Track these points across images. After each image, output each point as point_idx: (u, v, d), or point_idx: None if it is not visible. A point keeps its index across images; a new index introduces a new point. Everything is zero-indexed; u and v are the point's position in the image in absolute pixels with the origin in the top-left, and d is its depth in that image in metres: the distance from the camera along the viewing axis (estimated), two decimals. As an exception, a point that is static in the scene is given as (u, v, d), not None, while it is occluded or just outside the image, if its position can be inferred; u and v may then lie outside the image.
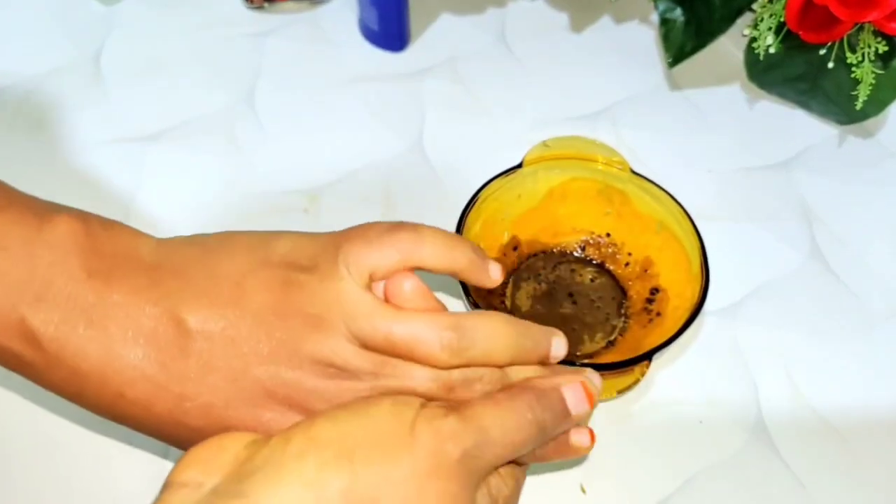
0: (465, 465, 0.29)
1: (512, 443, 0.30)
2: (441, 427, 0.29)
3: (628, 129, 0.54)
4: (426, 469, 0.28)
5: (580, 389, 0.33)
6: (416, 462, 0.28)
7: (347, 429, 0.28)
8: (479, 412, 0.30)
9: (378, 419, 0.29)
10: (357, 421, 0.28)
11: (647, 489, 0.41)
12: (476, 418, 0.30)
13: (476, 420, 0.30)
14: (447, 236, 0.34)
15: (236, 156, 0.52)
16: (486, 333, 0.33)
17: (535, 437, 0.31)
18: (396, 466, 0.27)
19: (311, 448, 0.27)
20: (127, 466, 0.41)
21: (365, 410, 0.29)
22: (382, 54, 0.58)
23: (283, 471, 0.27)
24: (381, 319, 0.31)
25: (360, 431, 0.28)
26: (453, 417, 0.29)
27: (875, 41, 0.44)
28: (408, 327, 0.32)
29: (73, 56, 0.57)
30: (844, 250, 0.49)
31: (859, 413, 0.43)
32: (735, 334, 0.46)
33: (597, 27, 0.60)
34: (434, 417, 0.29)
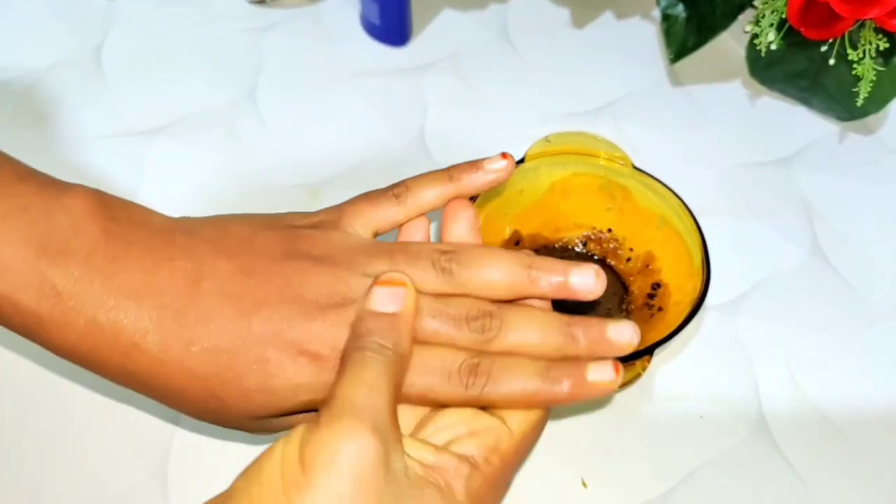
0: (364, 456, 0.27)
1: (373, 386, 0.29)
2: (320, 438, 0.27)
3: (630, 124, 0.54)
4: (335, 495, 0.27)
5: (379, 290, 0.32)
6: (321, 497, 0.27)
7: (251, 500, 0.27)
8: (333, 393, 0.29)
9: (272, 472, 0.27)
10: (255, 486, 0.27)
11: (648, 483, 0.41)
12: (335, 399, 0.28)
13: (336, 400, 0.28)
14: (434, 174, 0.37)
15: (238, 151, 0.52)
16: (482, 260, 0.33)
17: (387, 358, 0.30)
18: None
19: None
20: (128, 457, 0.41)
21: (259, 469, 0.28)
22: (384, 49, 0.58)
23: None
24: (388, 249, 0.33)
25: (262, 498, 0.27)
26: (324, 418, 0.28)
27: (876, 38, 0.45)
28: (409, 249, 0.33)
29: (74, 50, 0.57)
30: (845, 246, 0.49)
31: (859, 408, 0.44)
32: (736, 330, 0.46)
33: (599, 23, 0.60)
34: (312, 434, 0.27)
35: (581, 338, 0.33)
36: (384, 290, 0.31)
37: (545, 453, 0.41)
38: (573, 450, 0.42)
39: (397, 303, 0.31)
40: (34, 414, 0.42)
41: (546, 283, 0.33)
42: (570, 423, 0.42)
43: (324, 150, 0.53)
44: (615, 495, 0.40)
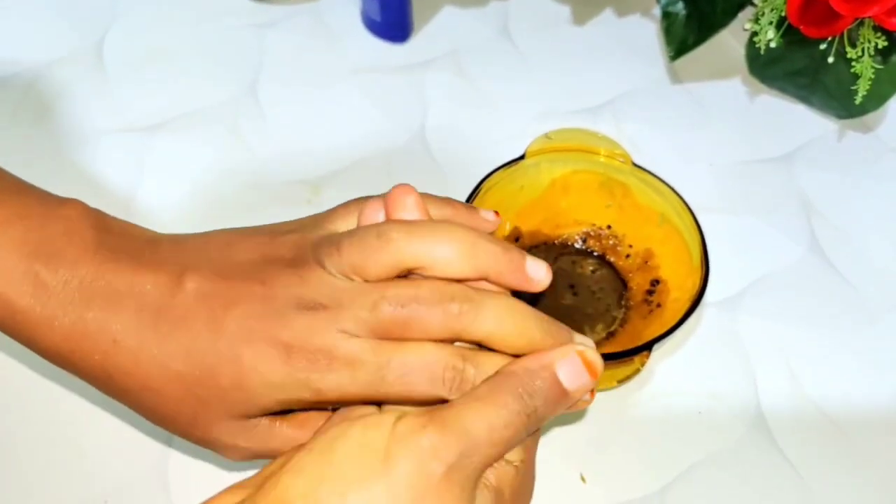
0: (452, 480, 0.27)
1: (501, 440, 0.29)
2: (419, 444, 0.27)
3: (630, 121, 0.54)
4: (410, 497, 0.26)
5: (577, 362, 0.31)
6: (396, 494, 0.26)
7: (315, 476, 0.27)
8: (459, 415, 0.28)
9: (347, 455, 0.27)
10: (324, 464, 0.27)
11: (647, 479, 0.41)
12: (456, 423, 0.28)
13: (456, 425, 0.28)
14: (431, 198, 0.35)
15: (239, 146, 0.53)
16: (436, 233, 0.32)
17: (528, 427, 0.30)
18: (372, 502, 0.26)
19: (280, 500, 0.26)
20: (129, 452, 0.41)
21: (331, 448, 0.28)
22: (385, 46, 0.58)
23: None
24: (338, 238, 0.33)
25: (329, 476, 0.27)
26: (431, 429, 0.28)
27: (875, 36, 0.45)
28: (354, 231, 0.33)
29: (75, 47, 0.57)
30: (844, 244, 0.50)
31: (857, 405, 0.44)
32: (735, 326, 0.46)
33: (599, 20, 0.60)
34: (409, 434, 0.28)
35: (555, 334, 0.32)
36: (580, 368, 0.31)
37: (544, 448, 0.41)
38: (572, 445, 0.42)
39: (578, 385, 0.31)
40: (33, 411, 0.42)
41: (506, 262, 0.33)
42: (568, 418, 0.43)
43: (324, 146, 0.53)
44: (613, 490, 0.41)
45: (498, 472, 0.30)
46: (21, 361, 0.43)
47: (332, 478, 0.27)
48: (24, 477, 0.40)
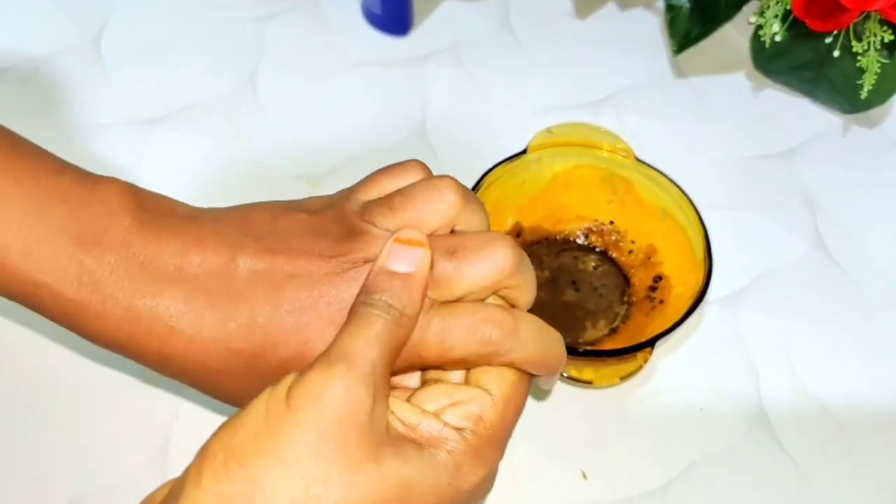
0: (351, 404, 0.27)
1: (378, 341, 0.29)
2: (310, 380, 0.27)
3: (633, 116, 0.54)
4: (314, 435, 0.27)
5: (398, 247, 0.31)
6: (301, 433, 0.27)
7: (231, 430, 0.27)
8: (335, 342, 0.29)
9: (257, 409, 0.28)
10: (237, 422, 0.28)
11: (648, 475, 0.41)
12: (334, 348, 0.28)
13: (335, 349, 0.28)
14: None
15: (238, 140, 0.52)
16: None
17: (395, 320, 0.30)
18: (284, 446, 0.27)
19: (202, 463, 0.27)
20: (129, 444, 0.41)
21: (244, 409, 0.28)
22: (385, 39, 0.57)
23: (183, 498, 0.26)
24: (387, 198, 0.33)
25: (242, 427, 0.27)
26: (317, 363, 0.28)
27: (881, 30, 0.44)
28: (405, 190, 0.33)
29: (74, 39, 0.57)
30: (847, 240, 0.49)
31: (859, 402, 0.43)
32: (737, 322, 0.46)
33: (601, 14, 0.59)
34: (303, 377, 0.28)
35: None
36: (400, 249, 0.31)
37: (545, 445, 0.41)
38: (573, 441, 0.42)
39: (412, 263, 0.31)
40: (35, 402, 0.42)
41: None
42: (571, 414, 0.42)
43: (324, 139, 0.52)
44: (615, 487, 0.40)
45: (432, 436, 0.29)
46: (19, 355, 0.43)
47: (245, 427, 0.27)
48: (25, 471, 0.40)
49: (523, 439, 0.41)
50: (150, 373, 0.43)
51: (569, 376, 0.42)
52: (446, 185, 0.32)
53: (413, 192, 0.33)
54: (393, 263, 0.31)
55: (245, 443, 0.27)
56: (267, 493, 0.26)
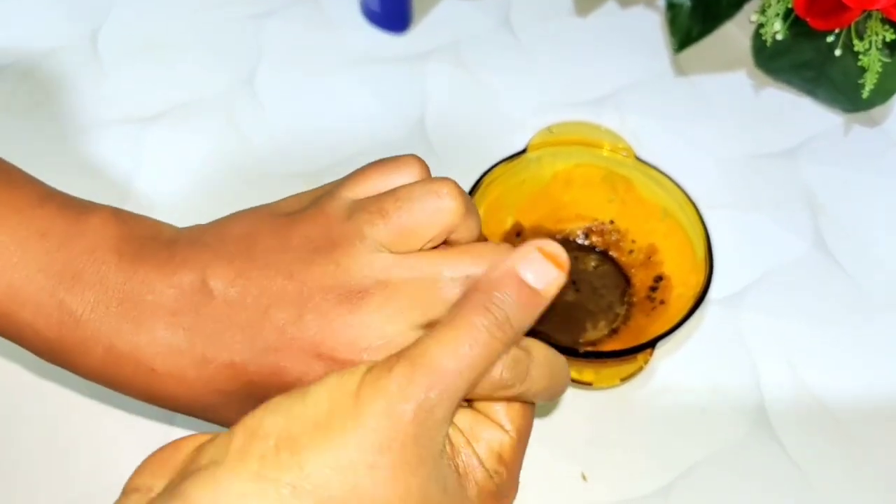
0: (421, 425, 0.25)
1: (472, 364, 0.26)
2: (387, 386, 0.25)
3: (633, 115, 0.54)
4: (376, 443, 0.25)
5: (538, 258, 0.27)
6: (363, 438, 0.25)
7: (289, 415, 0.26)
8: (426, 347, 0.26)
9: (320, 398, 0.26)
10: (299, 405, 0.26)
11: (649, 477, 0.41)
12: (424, 356, 0.26)
13: (424, 357, 0.26)
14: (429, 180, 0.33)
15: (236, 138, 0.52)
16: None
17: (503, 339, 0.27)
18: (343, 448, 0.25)
19: (251, 442, 0.25)
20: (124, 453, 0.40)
21: (306, 392, 0.26)
22: (384, 36, 0.57)
23: (222, 468, 0.25)
24: (376, 201, 0.31)
25: (300, 417, 0.26)
26: (399, 367, 0.26)
27: (883, 29, 0.44)
28: (399, 192, 0.31)
29: (71, 36, 0.57)
30: (848, 239, 0.49)
31: (861, 402, 0.43)
32: (738, 323, 0.46)
33: (602, 12, 0.59)
34: (379, 377, 0.26)
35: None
36: (543, 263, 0.28)
37: (545, 446, 0.41)
38: (573, 443, 0.41)
39: (546, 283, 0.27)
40: (27, 411, 0.42)
41: None
42: (571, 415, 0.42)
43: (323, 137, 0.52)
44: (615, 488, 0.40)
45: (467, 465, 0.28)
46: (16, 354, 0.43)
47: (306, 418, 0.26)
48: (22, 471, 0.40)
49: (523, 440, 0.41)
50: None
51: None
52: (448, 191, 0.30)
53: (410, 197, 0.31)
54: (529, 275, 0.27)
55: (303, 432, 0.25)
56: (313, 489, 0.25)
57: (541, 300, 0.28)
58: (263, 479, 0.24)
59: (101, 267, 0.31)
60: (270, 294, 0.30)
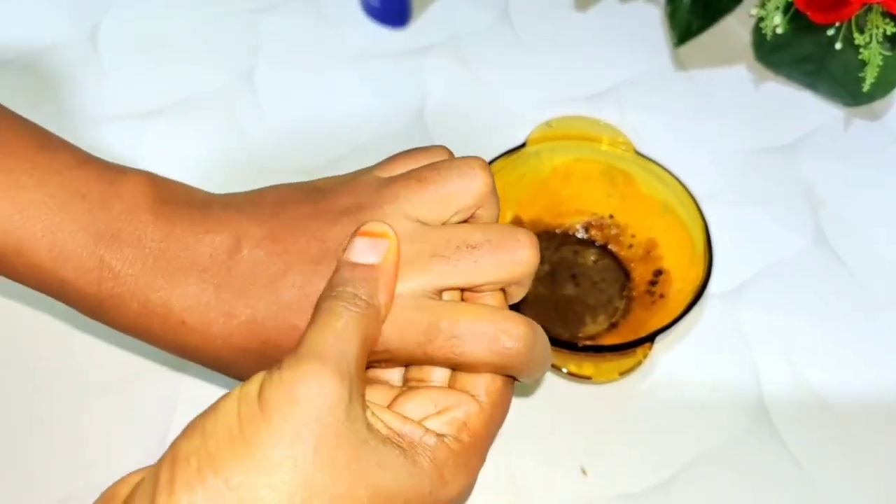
0: (323, 403, 0.26)
1: (346, 338, 0.28)
2: (280, 379, 0.26)
3: (633, 109, 0.54)
4: (288, 436, 0.25)
5: (358, 240, 0.31)
6: (276, 434, 0.25)
7: (203, 434, 0.26)
8: (305, 341, 0.28)
9: (229, 409, 0.27)
10: (210, 422, 0.26)
11: (648, 471, 0.41)
12: (304, 345, 0.27)
13: (304, 347, 0.27)
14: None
15: (235, 134, 0.52)
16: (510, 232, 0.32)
17: (361, 311, 0.29)
18: (260, 450, 0.25)
19: (174, 469, 0.26)
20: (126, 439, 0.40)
21: (215, 407, 0.27)
22: (384, 31, 0.57)
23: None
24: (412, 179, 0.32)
25: (215, 432, 0.26)
26: (287, 361, 0.27)
27: (883, 22, 0.44)
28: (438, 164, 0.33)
29: (70, 32, 0.57)
30: (848, 234, 0.49)
31: (860, 396, 0.43)
32: (738, 317, 0.46)
33: (601, 6, 0.59)
34: (272, 374, 0.27)
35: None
36: (364, 241, 0.31)
37: (544, 441, 0.41)
38: (573, 437, 0.41)
39: (377, 254, 0.30)
40: (31, 398, 0.42)
41: None
42: (570, 410, 0.42)
43: (322, 133, 0.52)
44: (615, 483, 0.40)
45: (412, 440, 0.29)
46: (14, 352, 0.43)
47: (217, 432, 0.26)
48: (21, 468, 0.40)
49: (522, 436, 0.41)
50: (146, 367, 0.43)
51: (568, 372, 0.41)
52: (480, 164, 0.33)
53: (447, 166, 0.32)
54: (357, 256, 0.30)
55: (219, 448, 0.26)
56: (244, 499, 0.25)
57: (381, 270, 0.30)
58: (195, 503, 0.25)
59: (138, 226, 0.33)
60: (294, 253, 0.32)
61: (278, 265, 0.32)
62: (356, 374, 0.28)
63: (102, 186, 0.33)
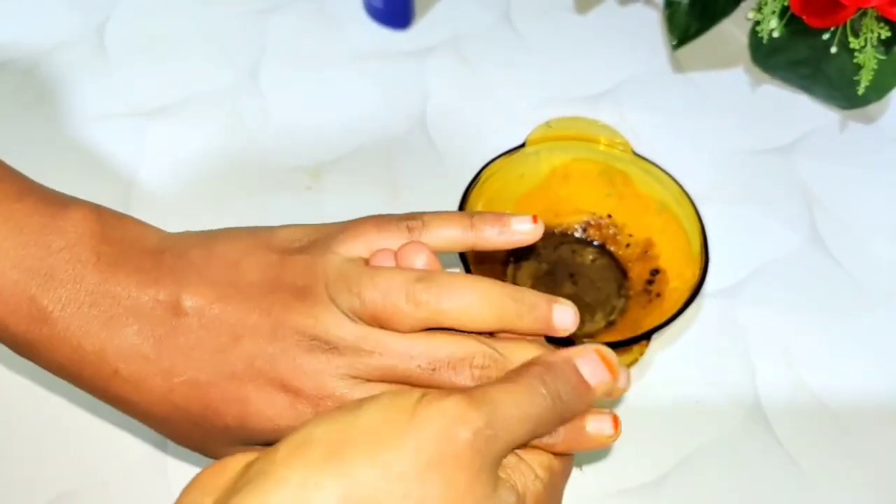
0: (476, 449, 0.26)
1: (527, 416, 0.28)
2: (445, 407, 0.26)
3: (631, 110, 0.54)
4: (430, 458, 0.25)
5: (595, 358, 0.31)
6: (417, 451, 0.25)
7: (338, 427, 0.26)
8: (486, 391, 0.28)
9: (373, 412, 0.26)
10: (349, 418, 0.26)
11: (643, 468, 0.41)
12: (484, 396, 0.27)
13: (484, 397, 0.27)
14: (455, 216, 0.34)
15: (239, 132, 0.52)
16: (464, 289, 0.31)
17: (553, 410, 0.29)
18: (395, 459, 0.25)
19: (298, 452, 0.25)
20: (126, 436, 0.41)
21: (359, 406, 0.27)
22: (386, 32, 0.58)
23: (270, 478, 0.25)
24: (357, 281, 0.31)
25: (352, 428, 0.26)
26: (458, 397, 0.27)
27: (878, 27, 0.44)
28: (378, 281, 0.31)
29: (77, 30, 0.57)
30: (844, 234, 0.50)
31: (855, 395, 0.44)
32: (734, 316, 0.46)
33: (601, 8, 0.59)
34: (437, 399, 0.27)
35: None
36: (596, 363, 0.31)
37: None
38: (570, 433, 0.42)
39: (597, 380, 0.30)
40: (31, 394, 0.42)
41: (530, 318, 0.32)
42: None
43: (325, 132, 0.53)
44: (610, 479, 0.41)
45: (525, 481, 0.29)
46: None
47: (356, 430, 0.26)
48: (21, 464, 0.40)
49: (520, 430, 0.42)
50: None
51: (566, 368, 0.42)
52: (419, 291, 0.31)
53: (387, 295, 0.31)
54: (583, 367, 0.30)
55: (353, 441, 0.26)
56: (362, 498, 0.25)
57: (590, 394, 0.30)
58: (309, 486, 0.24)
59: (76, 266, 0.31)
60: (246, 325, 0.31)
61: (228, 334, 0.31)
62: (506, 454, 0.28)
63: (43, 220, 0.31)
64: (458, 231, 0.34)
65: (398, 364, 0.31)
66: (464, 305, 0.31)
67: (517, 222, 0.35)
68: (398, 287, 0.31)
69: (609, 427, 0.31)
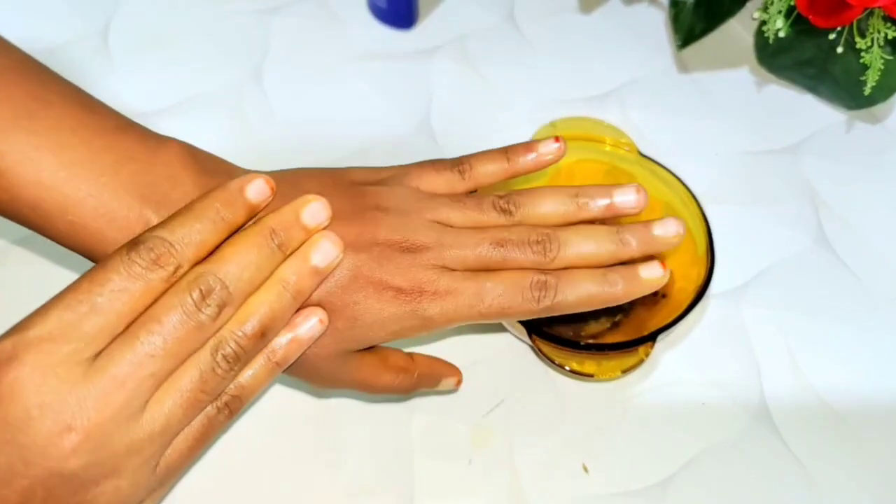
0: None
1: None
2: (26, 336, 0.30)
3: (636, 110, 0.54)
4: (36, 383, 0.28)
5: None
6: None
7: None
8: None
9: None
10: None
11: (649, 469, 0.41)
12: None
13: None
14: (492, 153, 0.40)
15: (243, 133, 0.53)
16: (535, 194, 0.37)
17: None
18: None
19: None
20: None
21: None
22: (390, 32, 0.58)
23: None
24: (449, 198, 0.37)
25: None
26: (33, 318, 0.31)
27: (885, 27, 0.44)
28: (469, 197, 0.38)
29: (80, 31, 0.57)
30: (850, 235, 0.49)
31: (861, 396, 0.44)
32: (739, 317, 0.46)
33: (606, 8, 0.59)
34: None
35: (631, 241, 0.37)
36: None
37: (547, 438, 0.42)
38: (574, 435, 0.42)
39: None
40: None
41: (593, 207, 0.38)
42: (572, 408, 0.43)
43: (329, 132, 0.53)
44: (616, 480, 0.41)
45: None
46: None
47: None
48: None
49: (524, 433, 0.42)
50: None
51: (571, 370, 0.42)
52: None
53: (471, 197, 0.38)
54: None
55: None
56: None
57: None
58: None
59: (182, 193, 0.34)
60: (345, 242, 0.34)
61: None
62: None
63: (147, 151, 0.34)
64: (498, 165, 0.39)
65: (470, 252, 0.36)
66: (538, 210, 0.37)
67: (544, 146, 0.39)
68: (488, 199, 0.38)
69: (658, 269, 0.37)
